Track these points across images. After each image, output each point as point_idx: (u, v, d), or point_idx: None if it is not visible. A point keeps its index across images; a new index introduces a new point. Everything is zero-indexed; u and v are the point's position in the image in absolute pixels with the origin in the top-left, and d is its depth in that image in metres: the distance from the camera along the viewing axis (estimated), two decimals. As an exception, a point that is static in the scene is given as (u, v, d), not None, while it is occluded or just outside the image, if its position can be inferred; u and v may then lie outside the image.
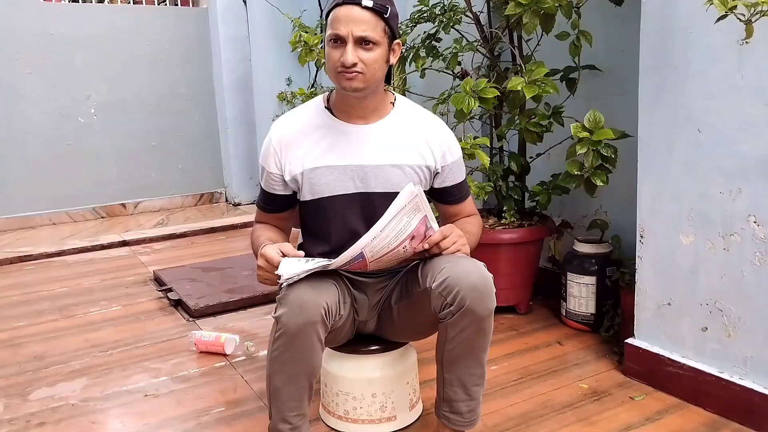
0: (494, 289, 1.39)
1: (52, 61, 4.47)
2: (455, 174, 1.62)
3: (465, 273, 1.36)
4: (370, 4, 1.39)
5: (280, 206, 1.61)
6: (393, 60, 1.49)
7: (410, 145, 1.55)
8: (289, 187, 1.57)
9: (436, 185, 1.61)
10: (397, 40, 1.49)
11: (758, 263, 1.62)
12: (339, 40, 1.41)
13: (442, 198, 1.65)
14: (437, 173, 1.59)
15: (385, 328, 1.66)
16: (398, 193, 1.34)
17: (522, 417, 1.78)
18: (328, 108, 1.57)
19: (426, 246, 1.41)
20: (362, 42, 1.40)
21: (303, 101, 1.67)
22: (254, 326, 2.54)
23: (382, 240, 1.33)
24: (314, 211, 1.56)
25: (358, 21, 1.38)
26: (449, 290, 1.36)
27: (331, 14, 1.42)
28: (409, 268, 1.57)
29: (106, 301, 2.90)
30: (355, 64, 1.40)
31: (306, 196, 1.55)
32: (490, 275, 1.39)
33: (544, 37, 2.33)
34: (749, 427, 1.68)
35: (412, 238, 1.37)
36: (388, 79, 1.57)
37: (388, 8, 1.42)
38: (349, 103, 1.52)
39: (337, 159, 1.52)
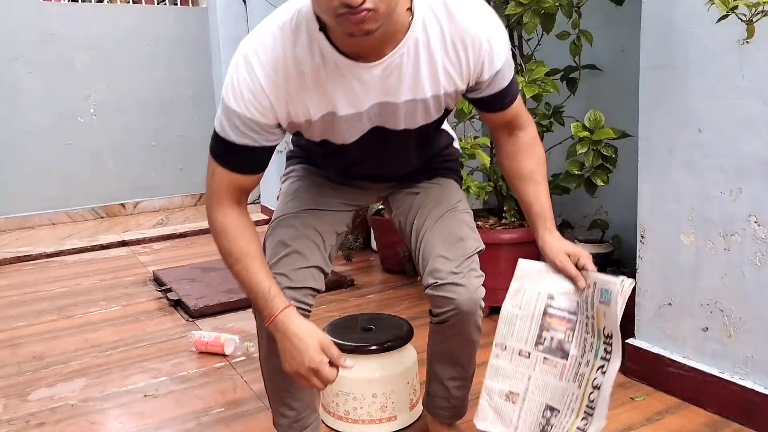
0: (483, 304, 1.37)
1: (51, 61, 4.46)
2: (499, 81, 1.26)
3: (460, 288, 1.32)
4: None
5: (255, 165, 1.22)
6: None
7: (434, 70, 1.19)
8: (275, 137, 1.21)
9: (472, 96, 1.29)
10: None
11: (759, 263, 1.62)
12: None
13: (483, 107, 1.33)
14: (472, 88, 1.27)
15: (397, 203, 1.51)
16: (417, 129, 1.23)
17: (522, 417, 1.78)
18: (322, 31, 1.12)
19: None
20: None
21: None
22: (254, 326, 2.48)
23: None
24: (320, 146, 1.31)
25: None
26: (440, 300, 1.33)
27: None
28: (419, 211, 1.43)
29: (106, 301, 2.90)
30: (363, 2, 0.97)
31: (314, 137, 1.27)
32: (482, 291, 1.36)
33: (545, 36, 2.33)
34: (750, 428, 1.67)
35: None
36: None
37: None
38: (354, 42, 1.10)
39: (349, 107, 1.19)
